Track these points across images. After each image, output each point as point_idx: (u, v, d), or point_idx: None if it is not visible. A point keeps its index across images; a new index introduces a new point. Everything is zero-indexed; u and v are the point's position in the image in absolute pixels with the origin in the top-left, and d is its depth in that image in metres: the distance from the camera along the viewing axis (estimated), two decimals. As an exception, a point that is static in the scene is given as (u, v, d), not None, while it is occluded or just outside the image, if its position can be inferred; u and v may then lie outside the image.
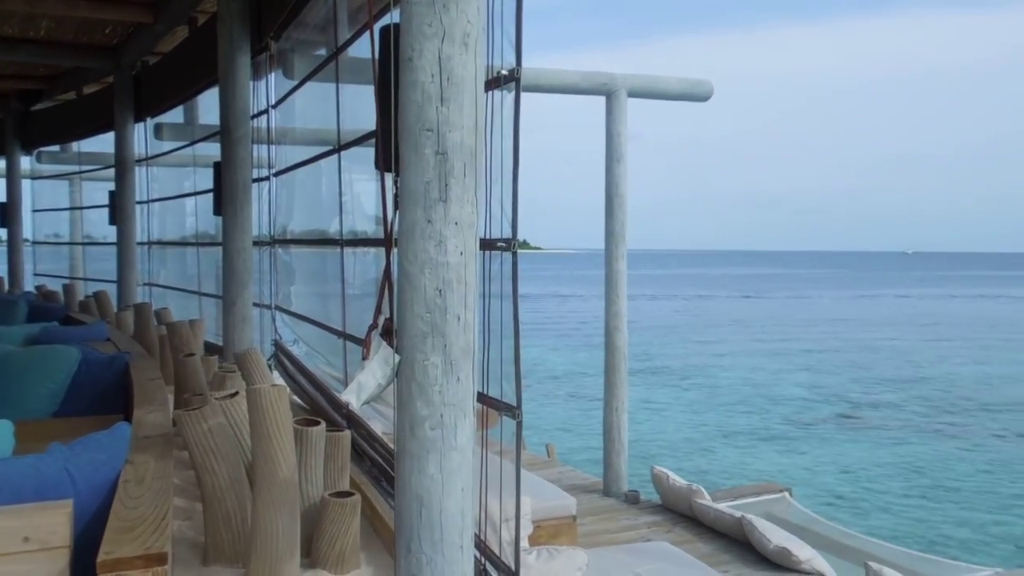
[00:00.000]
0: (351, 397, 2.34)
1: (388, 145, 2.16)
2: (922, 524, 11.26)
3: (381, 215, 2.86)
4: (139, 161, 9.06)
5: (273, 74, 6.16)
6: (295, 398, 4.74)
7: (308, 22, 5.29)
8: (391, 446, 3.07)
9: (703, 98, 7.60)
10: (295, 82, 5.69)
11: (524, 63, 2.49)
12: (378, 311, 2.53)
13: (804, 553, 5.50)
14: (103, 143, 9.88)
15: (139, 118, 8.79)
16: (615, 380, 7.33)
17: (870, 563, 5.10)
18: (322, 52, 5.33)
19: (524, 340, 2.62)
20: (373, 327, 2.45)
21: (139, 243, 9.22)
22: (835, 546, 6.38)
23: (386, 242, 2.48)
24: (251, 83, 5.85)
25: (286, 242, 6.39)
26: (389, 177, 2.23)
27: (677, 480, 6.86)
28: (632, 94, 7.19)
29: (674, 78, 7.54)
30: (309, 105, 5.64)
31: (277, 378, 5.14)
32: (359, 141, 4.31)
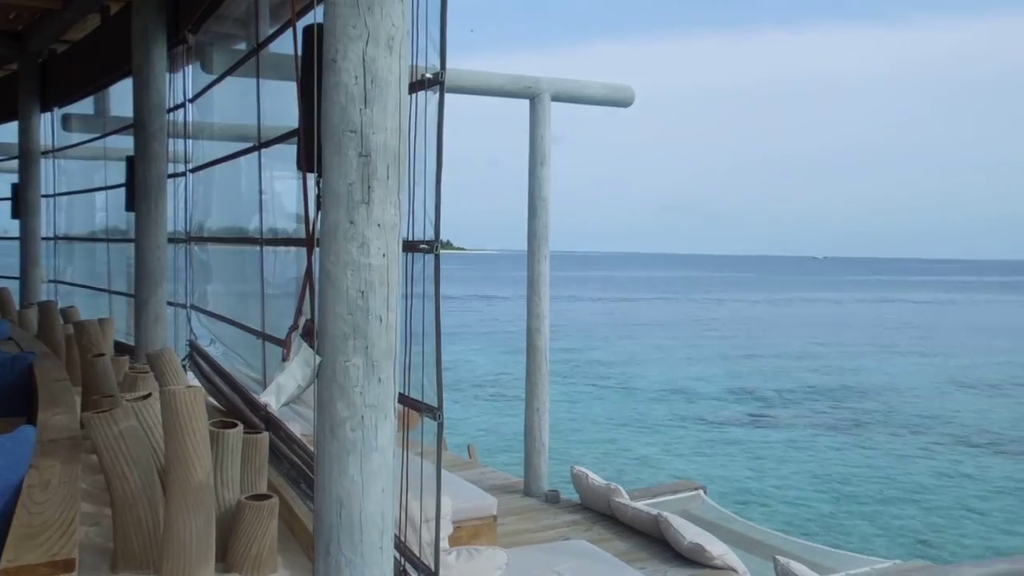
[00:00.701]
0: (270, 398, 2.32)
1: (310, 145, 2.15)
2: (828, 518, 11.73)
3: (302, 214, 2.84)
4: (45, 153, 8.68)
5: (190, 67, 6.00)
6: (211, 400, 4.63)
7: (228, 15, 5.18)
8: (311, 448, 3.04)
9: (625, 104, 7.74)
10: (214, 76, 5.56)
11: (450, 63, 2.50)
12: (299, 312, 2.51)
13: (717, 549, 5.66)
14: (7, 133, 9.44)
15: (46, 108, 8.42)
16: (536, 381, 7.41)
17: (778, 557, 5.30)
18: (242, 46, 5.22)
19: (447, 341, 2.64)
20: (294, 328, 2.43)
21: (45, 238, 8.83)
22: (746, 541, 6.60)
23: (307, 242, 2.47)
24: (167, 76, 5.69)
25: (203, 240, 6.23)
26: (311, 177, 2.22)
27: (596, 479, 6.98)
28: (556, 98, 7.28)
29: (597, 83, 7.66)
30: (229, 100, 5.51)
31: (192, 379, 5.02)
32: (281, 139, 4.24)
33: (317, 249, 2.18)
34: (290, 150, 3.67)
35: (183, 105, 6.09)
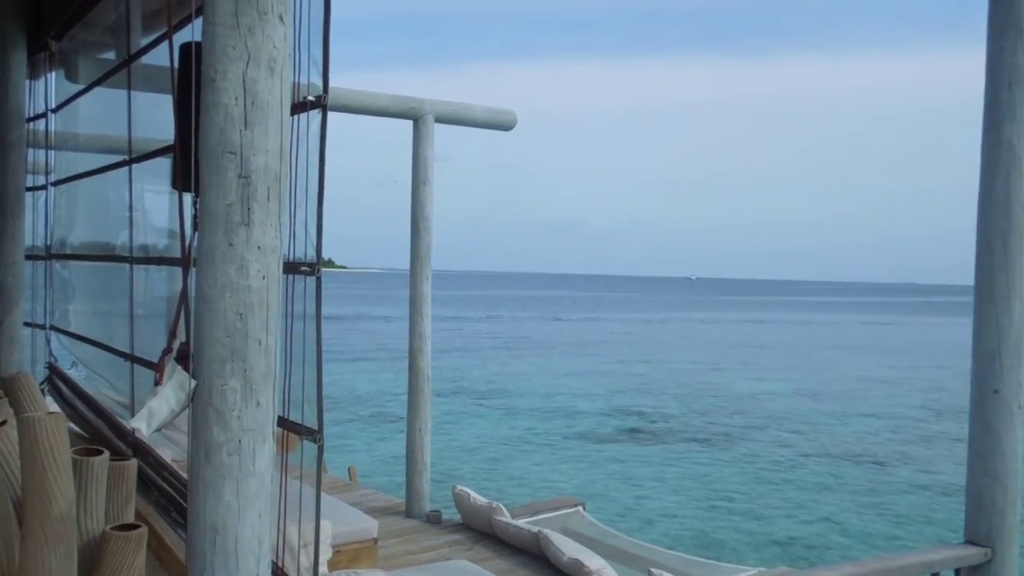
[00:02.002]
0: (141, 424, 2.24)
1: (187, 164, 2.11)
2: (702, 530, 12.19)
3: (175, 231, 2.76)
4: None
5: (53, 75, 5.70)
6: (72, 426, 4.38)
7: (96, 23, 4.95)
8: (183, 475, 2.94)
9: (507, 127, 7.88)
10: (80, 86, 5.30)
11: (333, 81, 2.50)
12: (173, 334, 2.44)
13: (595, 563, 5.79)
14: None
15: None
16: (418, 401, 7.38)
17: (652, 569, 5.48)
18: (111, 55, 5.01)
19: (330, 362, 2.63)
20: (168, 351, 2.35)
21: None
22: (624, 555, 6.77)
23: (183, 262, 2.40)
24: (27, 83, 5.38)
25: (66, 257, 5.89)
26: (188, 196, 2.17)
27: (478, 498, 7.00)
28: (439, 120, 7.33)
29: (480, 106, 7.76)
30: (96, 111, 5.27)
31: (52, 404, 4.73)
32: (154, 155, 4.09)
33: (193, 269, 2.13)
34: (163, 165, 3.55)
35: (45, 115, 5.77)
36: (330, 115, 2.49)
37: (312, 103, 2.42)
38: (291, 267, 2.53)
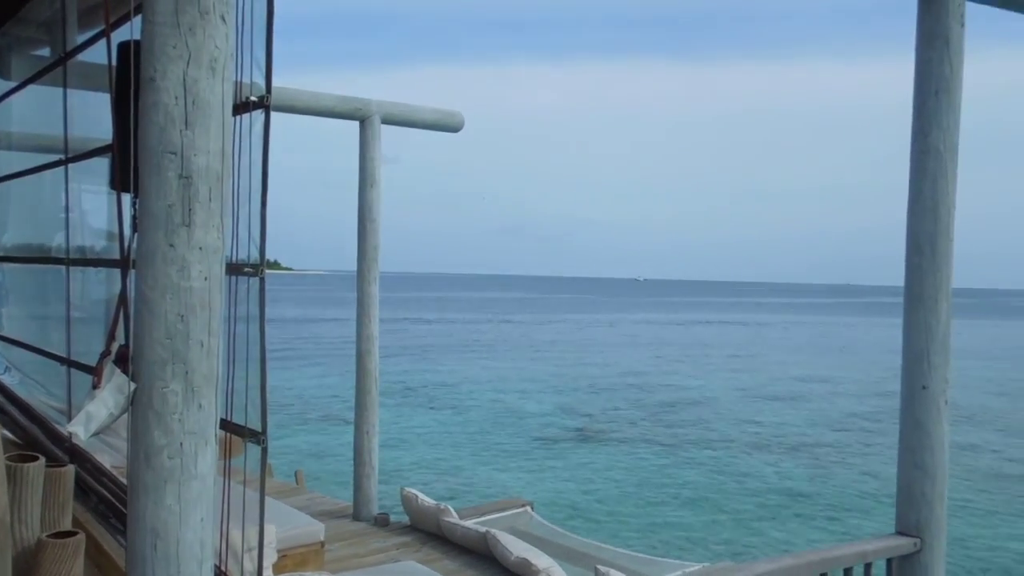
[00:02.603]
0: (78, 428, 2.20)
1: (126, 164, 2.08)
2: (649, 527, 12.35)
3: (114, 232, 2.71)
4: None
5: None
6: (5, 432, 4.26)
7: (31, 19, 4.83)
8: (122, 480, 2.89)
9: (455, 128, 7.88)
10: (13, 83, 5.15)
11: (279, 79, 2.50)
12: (112, 337, 2.40)
13: (542, 562, 5.84)
14: None
15: None
16: (366, 403, 7.33)
17: (599, 567, 5.54)
18: (46, 52, 4.88)
19: (277, 365, 2.61)
20: (106, 354, 2.31)
21: None
22: (571, 554, 6.83)
23: (122, 264, 2.36)
24: (-43, 80, 5.22)
25: (-2, 259, 5.72)
26: (127, 197, 2.14)
27: (426, 500, 7.00)
28: (386, 121, 7.29)
29: (427, 108, 7.75)
30: (31, 109, 5.13)
31: (-17, 411, 4.59)
32: (91, 155, 4.01)
33: (133, 271, 2.10)
34: (101, 164, 3.48)
35: (-25, 113, 5.59)
36: (277, 115, 2.48)
37: (255, 103, 2.41)
38: (234, 268, 2.51)
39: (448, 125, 7.72)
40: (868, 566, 3.64)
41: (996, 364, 37.83)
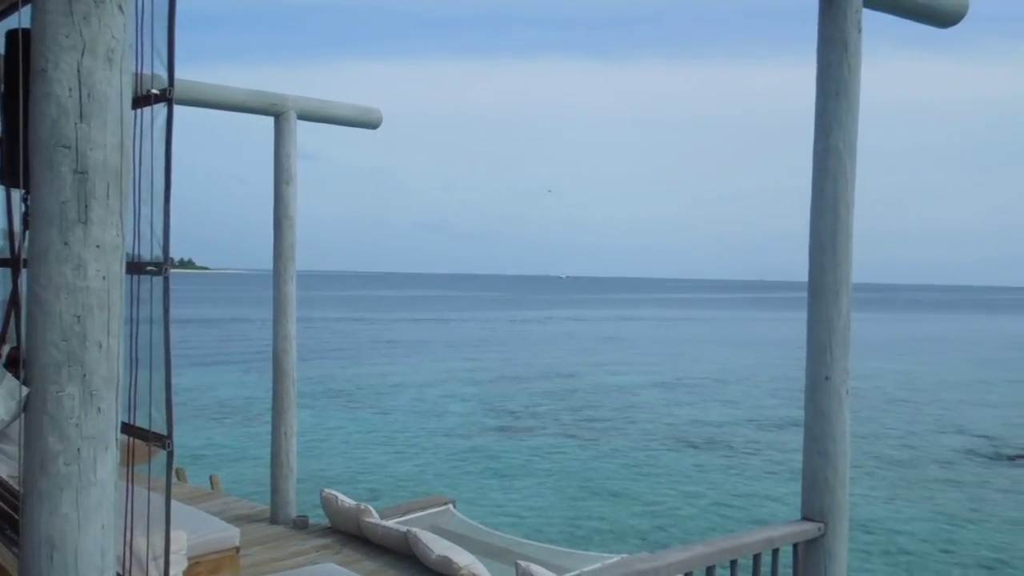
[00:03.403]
0: (-34, 436, 2.09)
1: (15, 158, 1.98)
2: (571, 521, 12.49)
3: (3, 229, 2.59)
4: None
5: None
6: None
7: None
8: (17, 488, 2.77)
9: (373, 125, 7.80)
10: None
11: (191, 72, 2.43)
12: (2, 340, 2.29)
13: (463, 560, 5.85)
14: None
15: None
16: (284, 404, 7.20)
17: (519, 562, 5.58)
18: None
19: (194, 367, 2.54)
20: (-5, 357, 2.21)
21: None
22: (493, 550, 6.86)
23: (13, 263, 2.26)
24: None
25: None
26: (17, 192, 2.04)
27: (346, 501, 6.92)
28: (302, 117, 7.17)
29: (345, 104, 7.64)
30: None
31: None
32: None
33: (25, 270, 2.01)
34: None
35: None
36: (192, 110, 2.41)
37: (157, 96, 2.33)
38: (136, 267, 2.43)
39: (366, 122, 7.64)
40: (776, 551, 3.77)
41: (898, 356, 39.70)
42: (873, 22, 3.87)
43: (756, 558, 3.75)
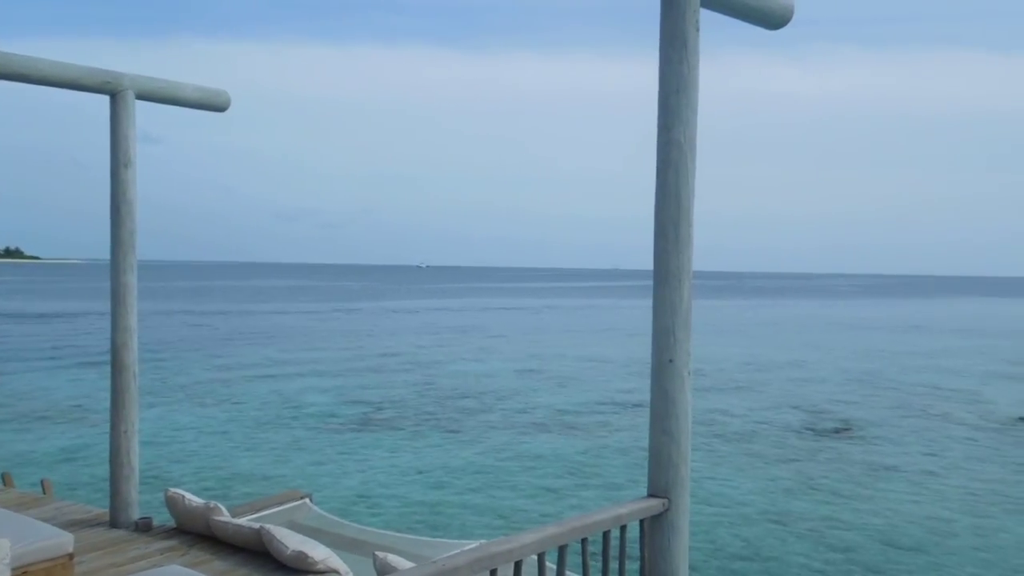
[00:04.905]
0: None
1: None
2: (432, 509, 12.51)
3: None
4: None
5: None
6: None
7: None
8: None
9: (221, 108, 7.45)
10: None
11: (16, 45, 2.22)
12: None
13: (319, 554, 5.74)
14: None
15: None
16: (124, 401, 6.79)
17: (377, 553, 5.54)
18: None
19: (22, 366, 2.34)
20: None
21: None
22: (351, 542, 6.78)
23: None
24: None
25: None
26: None
27: (193, 500, 6.62)
28: (142, 97, 6.74)
29: (190, 85, 7.26)
30: None
31: None
32: None
33: None
34: None
35: None
36: (14, 86, 2.22)
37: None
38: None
39: (213, 104, 7.29)
40: (623, 528, 3.93)
41: (743, 339, 42.22)
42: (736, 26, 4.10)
43: (605, 535, 3.90)
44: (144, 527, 6.64)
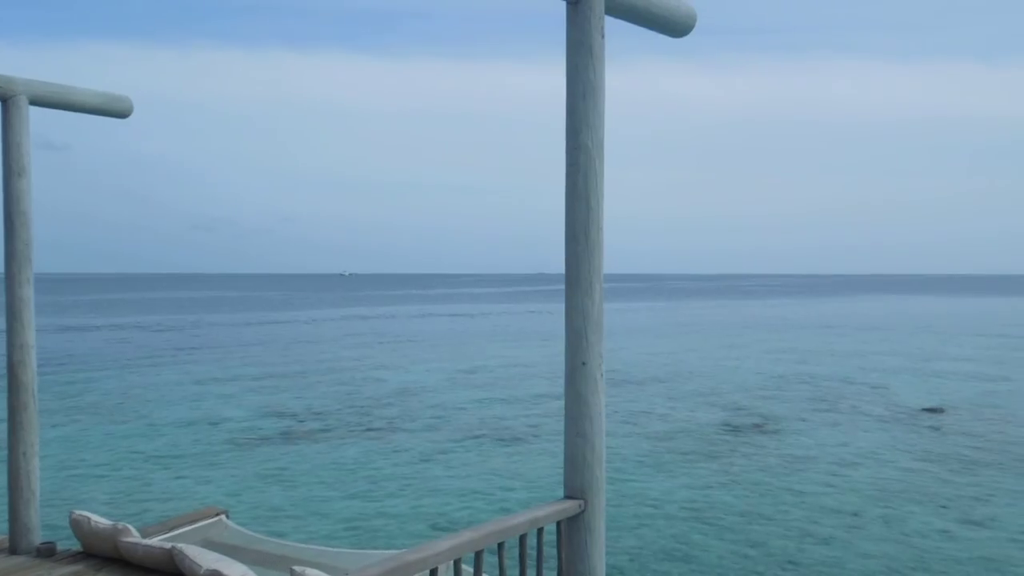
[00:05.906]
0: None
1: None
2: (352, 522, 12.32)
3: None
4: None
5: None
6: None
7: None
8: None
9: (123, 114, 7.19)
10: None
11: None
12: None
13: (235, 571, 5.57)
14: None
15: None
16: (22, 420, 6.47)
17: (294, 567, 5.41)
18: None
19: None
20: None
21: None
22: (268, 558, 6.62)
23: None
24: None
25: None
26: None
27: (100, 521, 6.35)
28: (36, 102, 6.45)
29: (90, 91, 6.98)
30: None
31: None
32: None
33: None
34: None
35: None
36: None
37: None
38: None
39: (114, 110, 7.04)
40: (540, 530, 3.95)
41: (660, 339, 43.03)
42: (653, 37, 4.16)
43: (522, 539, 3.91)
44: (47, 552, 6.34)
